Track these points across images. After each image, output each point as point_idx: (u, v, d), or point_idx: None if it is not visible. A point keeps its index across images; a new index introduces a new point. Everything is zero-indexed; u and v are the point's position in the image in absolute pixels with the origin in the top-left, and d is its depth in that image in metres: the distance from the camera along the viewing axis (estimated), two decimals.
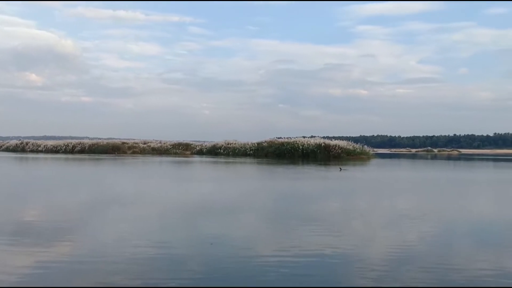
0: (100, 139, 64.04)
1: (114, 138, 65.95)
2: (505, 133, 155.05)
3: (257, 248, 5.90)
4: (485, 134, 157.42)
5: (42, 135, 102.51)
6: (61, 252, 5.66)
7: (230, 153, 48.01)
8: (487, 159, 50.12)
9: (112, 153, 51.39)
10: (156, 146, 55.40)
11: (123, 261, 5.18)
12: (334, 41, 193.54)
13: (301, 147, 42.74)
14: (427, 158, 55.30)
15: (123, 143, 57.02)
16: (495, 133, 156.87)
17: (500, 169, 30.13)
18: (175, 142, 56.30)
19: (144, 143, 56.86)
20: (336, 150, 41.51)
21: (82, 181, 17.10)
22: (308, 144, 42.91)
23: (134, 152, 53.14)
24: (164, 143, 56.07)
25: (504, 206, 11.02)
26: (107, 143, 57.02)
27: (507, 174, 25.55)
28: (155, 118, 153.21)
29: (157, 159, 38.82)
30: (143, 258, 5.33)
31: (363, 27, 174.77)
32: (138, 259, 5.26)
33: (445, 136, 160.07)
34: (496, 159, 51.68)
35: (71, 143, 57.35)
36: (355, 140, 46.48)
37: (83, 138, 67.84)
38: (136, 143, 56.79)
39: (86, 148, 55.00)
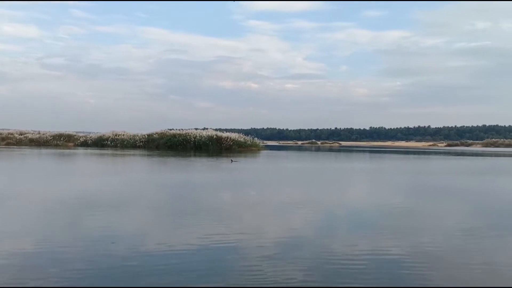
0: None
1: None
2: (379, 127, 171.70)
3: (159, 243, 5.76)
4: (362, 128, 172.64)
5: None
6: None
7: (118, 145, 45.99)
8: (364, 151, 54.95)
9: None
10: (34, 137, 50.79)
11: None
12: (225, 34, 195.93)
13: (193, 139, 42.57)
14: (311, 150, 58.79)
15: None
16: (370, 127, 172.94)
17: (374, 160, 33.26)
18: (56, 132, 52.02)
19: (21, 134, 51.85)
20: (228, 142, 42.15)
21: None
22: (201, 136, 42.90)
23: (8, 144, 48.18)
24: (44, 134, 51.58)
25: (377, 192, 12.17)
26: None
27: (380, 164, 28.23)
28: (33, 107, 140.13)
29: (35, 151, 35.68)
30: (27, 257, 4.89)
31: (254, 22, 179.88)
32: (20, 259, 4.81)
33: (327, 129, 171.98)
34: (371, 150, 56.98)
35: None
36: (246, 132, 47.68)
37: None
38: (11, 134, 51.55)
39: None
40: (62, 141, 49.86)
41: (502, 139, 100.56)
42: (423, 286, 4.30)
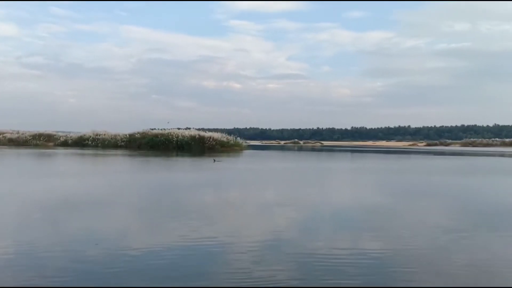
0: None
1: None
2: (360, 127, 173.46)
3: (143, 245, 5.74)
4: (343, 128, 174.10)
5: None
6: None
7: (99, 144, 45.38)
8: (346, 151, 55.45)
9: None
10: (13, 136, 49.80)
11: None
12: (208, 33, 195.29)
13: (175, 138, 42.30)
14: (294, 150, 59.07)
15: None
16: (352, 127, 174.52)
17: (356, 159, 33.62)
18: (36, 132, 51.09)
19: None
20: (211, 142, 42.02)
21: None
22: (183, 136, 42.67)
23: None
24: (23, 134, 50.62)
25: (358, 192, 12.31)
26: None
27: (361, 163, 28.55)
28: (12, 106, 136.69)
29: (14, 151, 35.01)
30: (9, 258, 4.84)
31: (237, 21, 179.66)
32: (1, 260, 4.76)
33: (310, 129, 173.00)
34: (352, 150, 57.57)
35: None
36: (229, 132, 47.66)
37: None
38: None
39: None
40: (42, 141, 49.02)
41: (480, 139, 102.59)
42: (405, 286, 4.39)
